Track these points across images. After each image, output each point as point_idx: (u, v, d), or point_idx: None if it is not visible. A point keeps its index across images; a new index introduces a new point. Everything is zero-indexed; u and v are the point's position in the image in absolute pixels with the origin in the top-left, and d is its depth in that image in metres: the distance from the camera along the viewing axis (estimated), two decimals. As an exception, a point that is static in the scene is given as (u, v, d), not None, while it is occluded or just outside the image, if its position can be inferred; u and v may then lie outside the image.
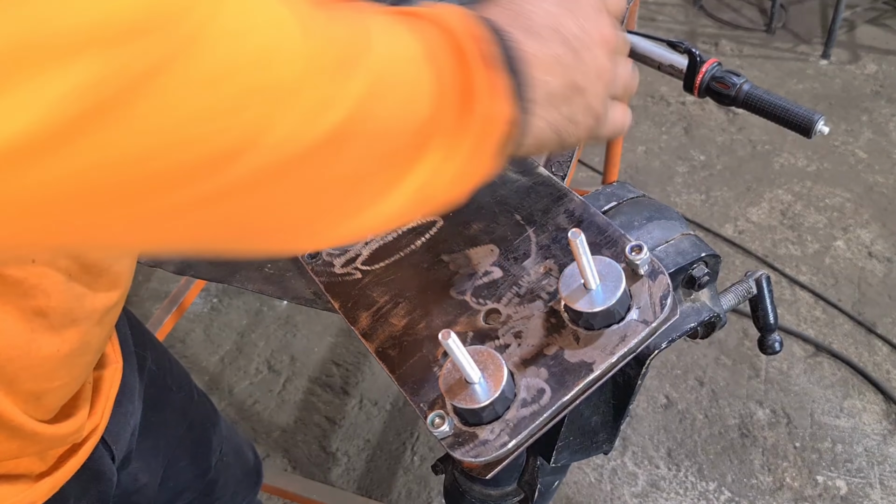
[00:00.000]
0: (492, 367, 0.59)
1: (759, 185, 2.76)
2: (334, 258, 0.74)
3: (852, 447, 2.00)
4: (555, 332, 0.61)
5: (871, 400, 2.10)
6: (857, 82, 3.23)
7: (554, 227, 0.67)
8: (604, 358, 0.58)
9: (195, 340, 2.32)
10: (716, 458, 1.99)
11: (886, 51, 3.39)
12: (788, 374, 2.17)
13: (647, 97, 3.19)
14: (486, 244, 0.69)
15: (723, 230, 2.59)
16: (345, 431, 2.08)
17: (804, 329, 2.27)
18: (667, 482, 1.94)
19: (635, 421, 2.07)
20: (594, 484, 1.94)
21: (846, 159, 2.86)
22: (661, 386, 2.15)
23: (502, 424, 0.58)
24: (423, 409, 0.62)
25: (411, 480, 1.97)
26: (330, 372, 2.22)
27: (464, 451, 0.58)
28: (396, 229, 0.73)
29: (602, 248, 0.64)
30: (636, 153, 2.92)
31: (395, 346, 0.66)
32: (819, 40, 3.45)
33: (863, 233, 2.57)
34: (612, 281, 0.59)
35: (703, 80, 1.26)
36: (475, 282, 0.67)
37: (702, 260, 0.73)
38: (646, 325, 0.58)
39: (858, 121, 3.03)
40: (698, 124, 3.04)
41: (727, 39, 3.50)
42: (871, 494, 1.90)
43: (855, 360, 2.18)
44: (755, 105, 1.22)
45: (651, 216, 0.75)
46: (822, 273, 2.44)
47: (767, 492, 1.92)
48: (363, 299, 0.70)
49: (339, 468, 2.00)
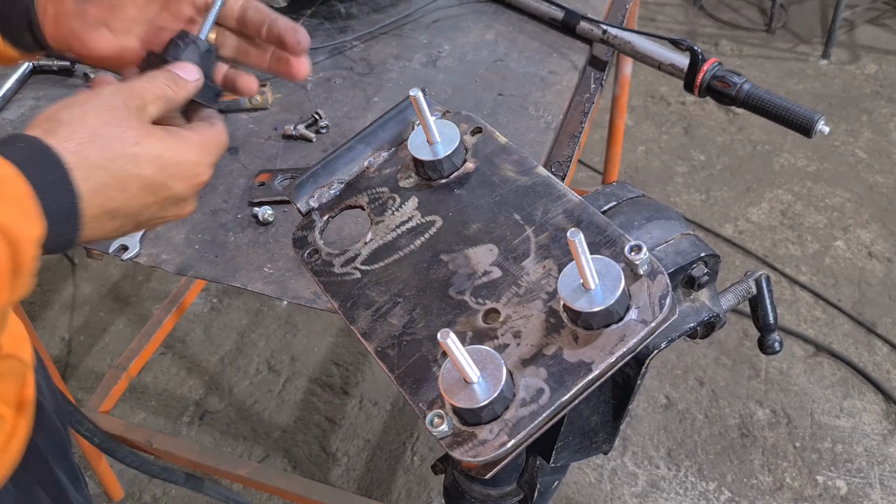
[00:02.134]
0: (491, 366, 0.59)
1: (759, 185, 2.76)
2: (334, 258, 0.74)
3: (852, 447, 2.00)
4: (554, 331, 0.61)
5: (871, 400, 2.10)
6: (857, 82, 3.23)
7: (553, 227, 0.67)
8: (603, 358, 0.58)
9: (195, 340, 2.32)
10: (716, 458, 1.99)
11: (886, 51, 3.39)
12: (788, 374, 2.16)
13: (647, 97, 3.19)
14: (486, 244, 0.69)
15: (723, 230, 2.59)
16: (345, 431, 2.08)
17: (804, 329, 2.27)
18: (667, 482, 1.94)
19: (635, 421, 2.07)
20: (594, 484, 1.94)
21: (846, 159, 2.86)
22: (661, 386, 2.15)
23: (501, 424, 0.58)
24: (422, 408, 0.62)
25: (411, 480, 1.97)
26: (330, 372, 2.22)
27: (463, 450, 0.58)
28: (396, 229, 0.73)
29: (601, 247, 0.64)
30: (636, 153, 2.92)
31: (394, 346, 0.66)
32: (819, 40, 3.45)
33: (863, 233, 2.57)
34: (611, 281, 0.59)
35: (704, 79, 1.26)
36: (474, 281, 0.67)
37: (701, 260, 0.73)
38: (645, 325, 0.58)
39: (858, 121, 3.03)
40: (698, 124, 3.04)
41: (727, 39, 3.50)
42: (871, 494, 1.90)
43: (855, 360, 2.18)
44: (755, 105, 1.22)
45: (651, 216, 0.75)
46: (822, 273, 2.44)
47: (767, 492, 1.92)
48: (362, 299, 0.70)
49: (339, 468, 2.00)
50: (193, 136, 0.63)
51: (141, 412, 2.15)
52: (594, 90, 1.29)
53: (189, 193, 0.63)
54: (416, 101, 0.71)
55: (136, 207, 0.60)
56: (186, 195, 0.63)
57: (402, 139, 0.79)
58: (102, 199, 0.56)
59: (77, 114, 0.57)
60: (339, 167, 0.79)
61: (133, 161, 0.58)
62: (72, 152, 0.54)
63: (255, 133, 1.23)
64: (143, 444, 1.72)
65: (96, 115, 0.57)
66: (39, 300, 2.44)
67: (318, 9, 1.50)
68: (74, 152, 0.55)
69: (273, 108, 1.27)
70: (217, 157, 0.66)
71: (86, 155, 0.55)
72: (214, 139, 0.65)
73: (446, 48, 1.39)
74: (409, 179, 0.76)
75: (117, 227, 0.60)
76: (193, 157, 0.62)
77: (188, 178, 0.62)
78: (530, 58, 1.35)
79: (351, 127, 1.23)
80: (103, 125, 0.57)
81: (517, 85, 1.29)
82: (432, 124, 0.73)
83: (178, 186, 0.61)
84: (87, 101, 0.58)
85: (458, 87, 1.30)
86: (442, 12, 1.48)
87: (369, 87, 1.31)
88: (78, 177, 0.54)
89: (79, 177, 0.54)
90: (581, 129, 1.20)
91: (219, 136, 0.66)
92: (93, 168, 0.55)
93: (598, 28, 1.35)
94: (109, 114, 0.57)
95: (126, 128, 0.58)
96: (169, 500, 1.96)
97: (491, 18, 1.46)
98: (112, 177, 0.57)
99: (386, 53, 1.38)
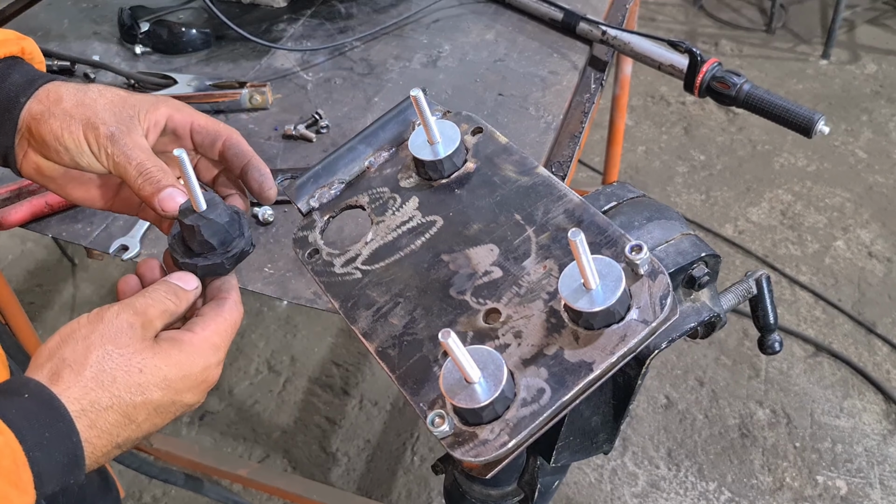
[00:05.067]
0: (492, 366, 0.59)
1: (759, 185, 2.76)
2: (334, 258, 0.74)
3: (852, 447, 2.00)
4: (555, 331, 0.61)
5: (871, 400, 2.10)
6: (857, 82, 3.23)
7: (554, 227, 0.67)
8: (604, 358, 0.58)
9: (195, 340, 2.32)
10: (716, 458, 1.99)
11: (886, 51, 3.40)
12: (788, 374, 2.17)
13: (647, 97, 3.19)
14: (486, 244, 0.69)
15: (723, 230, 2.59)
16: (345, 432, 2.08)
17: (804, 329, 2.27)
18: (667, 482, 1.94)
19: (635, 421, 2.07)
20: (594, 484, 1.94)
21: (846, 159, 2.86)
22: (661, 386, 2.15)
23: (502, 424, 0.58)
24: (423, 408, 0.62)
25: (411, 480, 1.97)
26: (330, 372, 2.22)
27: (464, 450, 0.58)
28: (397, 229, 0.73)
29: (602, 247, 0.64)
30: (636, 153, 2.92)
31: (394, 346, 0.66)
32: (819, 40, 3.45)
33: (863, 233, 2.57)
34: (612, 281, 0.59)
35: (704, 79, 1.26)
36: (475, 281, 0.67)
37: (702, 260, 0.73)
38: (646, 325, 0.58)
39: (858, 121, 3.03)
40: (698, 124, 3.04)
41: (727, 39, 3.50)
42: (871, 494, 1.90)
43: (855, 360, 2.18)
44: (755, 105, 1.22)
45: (651, 216, 0.75)
46: (822, 273, 2.44)
47: (767, 492, 1.92)
48: (363, 299, 0.70)
49: (339, 468, 2.00)
50: (200, 339, 0.62)
51: (141, 412, 2.15)
52: (594, 90, 1.29)
53: (200, 399, 0.64)
54: (416, 101, 0.71)
55: (145, 431, 0.60)
56: (197, 401, 0.63)
57: (402, 139, 0.79)
58: (109, 437, 0.57)
59: (80, 351, 0.57)
60: (339, 167, 0.79)
61: (140, 390, 0.58)
62: (76, 399, 0.55)
63: (256, 133, 1.23)
64: (142, 444, 1.72)
65: (100, 348, 0.57)
66: (39, 300, 2.44)
67: (318, 9, 1.50)
68: (79, 399, 0.55)
69: (273, 108, 1.27)
70: (228, 343, 0.65)
71: (92, 399, 0.55)
72: (224, 329, 0.64)
73: (446, 48, 1.39)
74: (409, 179, 0.76)
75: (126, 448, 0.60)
76: (201, 365, 0.62)
77: (197, 386, 0.62)
78: (530, 58, 1.35)
79: (351, 127, 1.23)
80: (107, 358, 0.57)
81: (517, 85, 1.29)
82: (433, 124, 0.73)
83: (186, 398, 0.62)
84: (90, 333, 0.58)
85: (459, 88, 1.30)
86: (442, 13, 1.48)
87: (369, 87, 1.31)
88: (83, 425, 0.55)
89: (84, 425, 0.55)
90: (581, 129, 1.20)
91: (228, 323, 0.65)
92: (99, 411, 0.56)
93: (597, 29, 1.35)
94: (113, 343, 0.57)
95: (131, 353, 0.58)
96: (169, 500, 1.95)
97: (491, 19, 1.46)
98: (120, 414, 0.57)
99: (386, 54, 1.38)
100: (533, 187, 0.71)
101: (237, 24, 1.29)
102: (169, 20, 1.42)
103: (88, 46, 1.43)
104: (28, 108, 0.67)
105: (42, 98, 0.67)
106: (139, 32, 1.39)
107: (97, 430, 0.55)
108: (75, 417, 0.54)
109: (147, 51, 1.40)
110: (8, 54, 0.70)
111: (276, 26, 1.46)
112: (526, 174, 0.72)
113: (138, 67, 1.37)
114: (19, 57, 0.71)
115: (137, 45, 1.40)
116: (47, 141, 0.66)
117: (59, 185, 0.71)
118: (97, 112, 0.66)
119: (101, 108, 0.66)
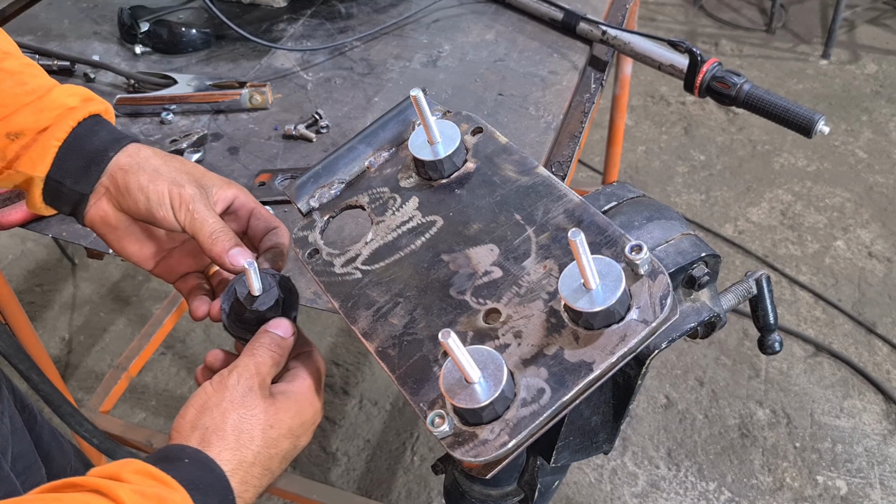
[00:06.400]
0: (492, 366, 0.59)
1: (759, 185, 2.76)
2: (334, 258, 0.74)
3: (852, 447, 2.00)
4: (555, 331, 0.61)
5: (871, 400, 2.10)
6: (857, 82, 3.23)
7: (554, 227, 0.67)
8: (604, 358, 0.58)
9: (195, 340, 2.32)
10: (716, 458, 1.99)
11: (886, 51, 3.40)
12: (788, 374, 2.17)
13: (647, 97, 3.19)
14: (486, 244, 0.69)
15: (723, 230, 2.59)
16: (345, 431, 2.08)
17: (804, 329, 2.27)
18: (667, 482, 1.95)
19: (635, 421, 2.07)
20: (594, 484, 1.94)
21: (846, 159, 2.86)
22: (661, 386, 2.15)
23: (502, 424, 0.58)
24: (423, 408, 0.62)
25: (411, 480, 1.97)
26: (330, 372, 2.22)
27: (464, 450, 0.58)
28: (397, 229, 0.73)
29: (602, 247, 0.64)
30: (636, 153, 2.92)
31: (395, 346, 0.66)
32: (819, 40, 3.45)
33: (863, 233, 2.57)
34: (612, 281, 0.59)
35: (704, 79, 1.26)
36: (475, 281, 0.67)
37: (702, 260, 0.73)
38: (646, 325, 0.58)
39: (858, 121, 3.03)
40: (698, 124, 3.04)
41: (727, 39, 3.50)
42: (871, 494, 1.90)
43: (855, 360, 2.18)
44: (755, 105, 1.22)
45: (651, 216, 0.75)
46: (822, 273, 2.44)
47: (767, 492, 1.92)
48: (363, 299, 0.70)
49: (339, 468, 2.00)
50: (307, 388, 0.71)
51: (141, 412, 2.15)
52: (594, 90, 1.29)
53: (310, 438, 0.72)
54: (416, 101, 0.71)
55: (276, 476, 0.69)
56: (308, 441, 0.72)
57: (402, 139, 0.79)
58: (255, 489, 0.66)
59: (217, 417, 0.65)
60: (339, 167, 0.79)
61: (274, 444, 0.67)
62: (228, 461, 0.63)
63: (256, 133, 1.23)
64: (143, 444, 1.72)
65: (234, 412, 0.65)
66: (39, 300, 2.44)
67: (318, 9, 1.50)
68: (230, 460, 0.63)
69: (273, 108, 1.27)
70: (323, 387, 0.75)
71: (240, 459, 0.64)
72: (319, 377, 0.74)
73: (446, 48, 1.39)
74: (409, 179, 0.76)
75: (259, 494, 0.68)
76: (311, 412, 0.71)
77: (310, 429, 0.72)
78: (530, 58, 1.35)
79: (351, 127, 1.23)
80: (242, 420, 0.65)
81: (517, 85, 1.29)
82: (433, 124, 0.73)
83: (303, 441, 0.71)
84: (220, 402, 0.66)
85: (459, 87, 1.30)
86: (442, 12, 1.48)
87: (370, 87, 1.31)
88: (236, 482, 0.63)
89: (237, 481, 0.63)
90: (581, 129, 1.20)
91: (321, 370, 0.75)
92: (247, 468, 0.64)
93: (597, 29, 1.35)
94: (243, 406, 0.66)
95: (260, 411, 0.66)
96: (169, 500, 1.95)
97: (491, 18, 1.46)
98: (262, 467, 0.66)
99: (386, 53, 1.38)
100: (533, 187, 0.71)
101: (237, 23, 1.29)
102: (169, 20, 1.42)
103: (88, 46, 1.43)
104: (116, 161, 0.74)
105: (132, 153, 0.75)
106: (139, 32, 1.39)
107: (246, 485, 0.64)
108: (229, 476, 0.63)
109: (147, 51, 1.40)
110: (95, 112, 0.76)
111: (276, 26, 1.46)
112: (526, 174, 0.72)
113: (138, 67, 1.37)
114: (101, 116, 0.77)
115: (137, 44, 1.40)
116: (131, 190, 0.74)
117: (118, 236, 0.78)
118: (181, 175, 0.75)
119: (184, 174, 0.75)
